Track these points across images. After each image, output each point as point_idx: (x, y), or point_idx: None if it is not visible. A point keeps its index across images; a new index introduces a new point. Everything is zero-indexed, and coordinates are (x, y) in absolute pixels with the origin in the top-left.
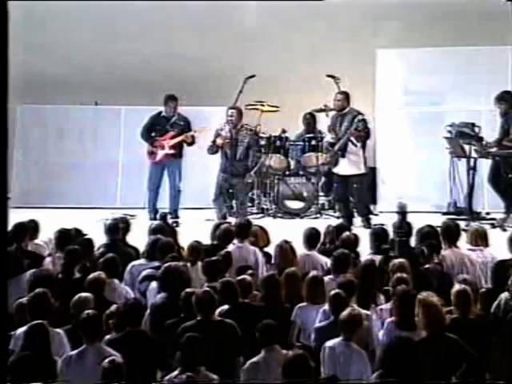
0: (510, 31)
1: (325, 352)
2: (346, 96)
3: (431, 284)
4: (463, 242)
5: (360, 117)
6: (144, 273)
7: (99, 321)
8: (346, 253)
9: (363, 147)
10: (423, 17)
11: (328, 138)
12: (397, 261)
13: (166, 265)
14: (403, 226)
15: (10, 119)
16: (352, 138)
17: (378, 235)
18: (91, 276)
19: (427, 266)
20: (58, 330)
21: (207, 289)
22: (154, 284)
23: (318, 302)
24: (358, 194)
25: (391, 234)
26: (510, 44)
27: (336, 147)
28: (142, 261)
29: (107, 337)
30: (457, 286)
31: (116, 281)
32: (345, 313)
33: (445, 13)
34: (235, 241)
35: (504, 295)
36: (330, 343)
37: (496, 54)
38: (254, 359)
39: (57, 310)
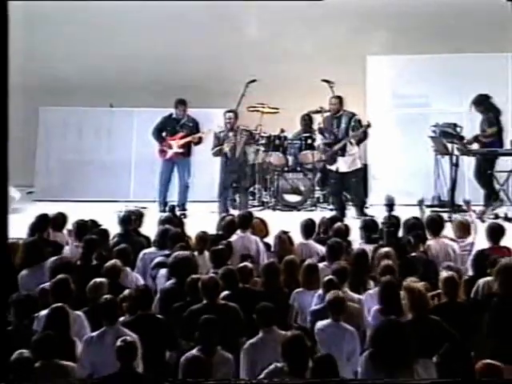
0: (490, 41)
1: (317, 332)
2: (340, 100)
3: (417, 271)
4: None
5: (356, 117)
6: (156, 260)
7: (116, 304)
8: (339, 241)
9: (358, 144)
10: (411, 26)
11: (319, 138)
12: (383, 249)
13: (175, 253)
14: (391, 218)
15: (34, 120)
16: (352, 140)
17: (368, 226)
18: (108, 263)
19: (413, 254)
20: (79, 313)
21: (213, 275)
22: (163, 271)
23: (313, 288)
24: (356, 187)
25: (380, 225)
26: (490, 52)
27: (336, 147)
28: (152, 249)
29: (121, 319)
30: (445, 273)
31: (128, 269)
32: (330, 296)
33: (431, 22)
34: (238, 231)
35: (482, 281)
36: (319, 324)
37: (477, 61)
38: (253, 340)
39: (75, 294)
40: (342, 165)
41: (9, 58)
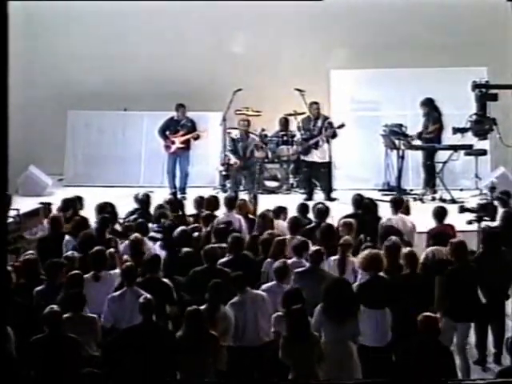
0: (423, 59)
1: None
2: (318, 106)
3: None
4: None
5: (329, 120)
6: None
7: (135, 270)
8: (298, 217)
9: (328, 142)
10: (366, 45)
11: (298, 135)
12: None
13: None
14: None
15: (63, 121)
16: (324, 137)
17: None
18: (133, 236)
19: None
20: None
21: (214, 245)
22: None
23: (279, 258)
24: (324, 176)
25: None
26: (424, 67)
27: (311, 141)
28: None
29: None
30: (405, 249)
31: (145, 239)
32: (275, 264)
33: (382, 42)
34: (224, 210)
35: (429, 249)
36: (264, 286)
37: (417, 74)
38: (233, 300)
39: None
40: (315, 157)
41: (36, 69)
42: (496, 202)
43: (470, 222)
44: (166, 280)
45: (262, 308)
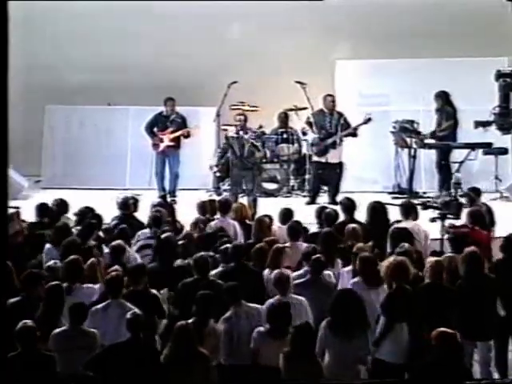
0: (437, 49)
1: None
2: (334, 99)
3: None
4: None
5: (345, 116)
6: (139, 243)
7: (121, 280)
8: (299, 222)
9: (341, 140)
10: (374, 34)
11: (311, 133)
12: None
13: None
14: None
15: (40, 117)
16: (341, 137)
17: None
18: (114, 243)
19: None
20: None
21: (203, 253)
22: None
23: (277, 267)
24: (336, 177)
25: None
26: (438, 57)
27: (329, 141)
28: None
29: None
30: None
31: (127, 247)
32: (273, 275)
33: (391, 30)
34: (218, 215)
35: (444, 256)
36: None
37: (430, 65)
38: (226, 315)
39: None
40: (331, 157)
41: (9, 59)
42: (462, 199)
43: (433, 220)
44: (154, 291)
45: (258, 323)
